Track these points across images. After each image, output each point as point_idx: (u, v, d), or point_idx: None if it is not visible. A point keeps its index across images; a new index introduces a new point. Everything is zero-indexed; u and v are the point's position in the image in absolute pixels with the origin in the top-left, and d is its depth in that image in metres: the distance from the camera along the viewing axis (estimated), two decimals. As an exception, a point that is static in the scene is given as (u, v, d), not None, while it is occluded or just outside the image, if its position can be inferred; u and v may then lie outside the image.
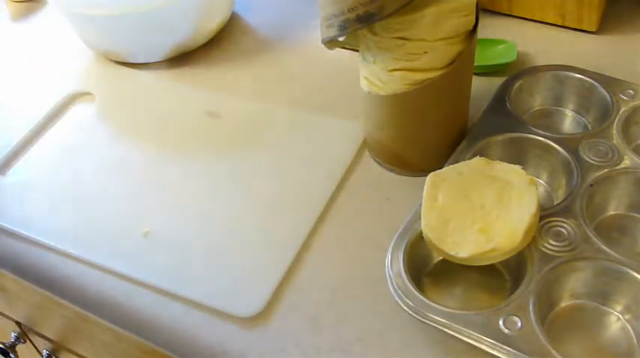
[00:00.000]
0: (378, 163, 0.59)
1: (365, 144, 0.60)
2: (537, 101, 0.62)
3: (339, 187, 0.57)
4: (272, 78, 0.71)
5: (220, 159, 0.62)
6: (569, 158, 0.53)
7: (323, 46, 0.52)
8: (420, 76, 0.51)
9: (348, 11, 0.47)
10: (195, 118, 0.63)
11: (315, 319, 0.49)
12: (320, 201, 0.56)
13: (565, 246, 0.47)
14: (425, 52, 0.49)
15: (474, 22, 0.51)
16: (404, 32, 0.48)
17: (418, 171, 0.56)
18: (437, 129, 0.56)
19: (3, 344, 0.82)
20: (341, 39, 0.51)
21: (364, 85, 0.55)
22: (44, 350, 0.82)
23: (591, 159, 0.52)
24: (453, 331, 0.43)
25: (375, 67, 0.52)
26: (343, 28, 0.48)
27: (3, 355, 0.82)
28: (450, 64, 0.51)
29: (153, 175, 0.61)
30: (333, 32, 0.49)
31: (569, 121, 0.60)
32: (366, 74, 0.54)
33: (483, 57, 0.65)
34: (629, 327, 0.46)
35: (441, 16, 0.48)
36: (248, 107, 0.67)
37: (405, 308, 0.45)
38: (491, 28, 0.69)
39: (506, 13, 0.72)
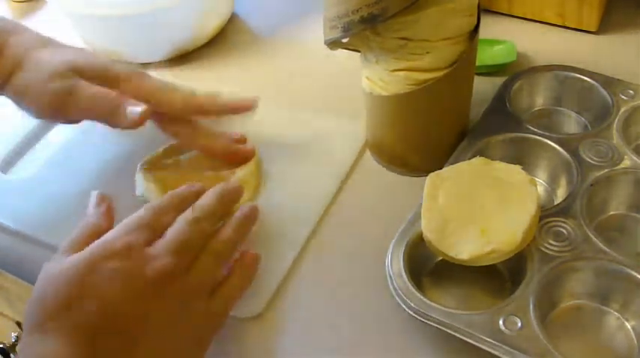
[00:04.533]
0: (380, 163, 0.59)
1: (366, 145, 0.60)
2: (537, 101, 0.62)
3: (341, 188, 0.57)
4: (272, 78, 0.71)
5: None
6: (570, 158, 0.53)
7: (323, 45, 0.52)
8: (422, 76, 0.51)
9: (352, 13, 0.47)
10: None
11: (315, 319, 0.49)
12: (321, 202, 0.56)
13: (565, 246, 0.47)
14: (427, 52, 0.49)
15: (475, 22, 0.51)
16: (406, 32, 0.48)
17: (420, 171, 0.56)
18: (439, 129, 0.56)
19: (3, 344, 0.83)
20: (344, 40, 0.51)
21: (366, 85, 0.55)
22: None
23: (591, 159, 0.52)
24: (453, 331, 0.43)
25: (378, 67, 0.52)
26: (347, 30, 0.48)
27: (3, 355, 0.82)
28: (452, 64, 0.51)
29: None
30: (336, 33, 0.49)
31: (569, 121, 0.60)
32: (368, 74, 0.54)
33: (483, 57, 0.65)
34: (629, 327, 0.46)
35: (443, 16, 0.48)
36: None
37: (405, 308, 0.45)
38: (491, 28, 0.69)
39: (506, 13, 0.72)
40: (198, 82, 0.71)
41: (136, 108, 0.50)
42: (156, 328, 0.41)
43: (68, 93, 0.51)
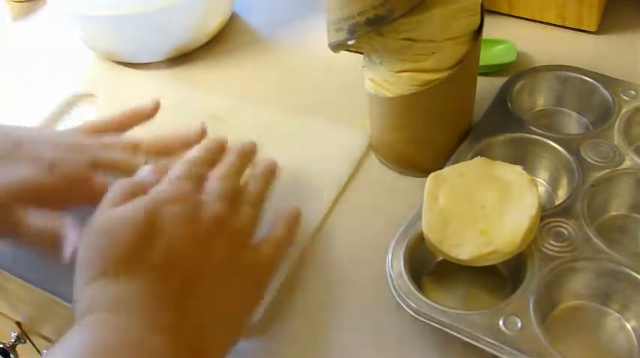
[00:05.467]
0: (382, 163, 0.59)
1: (369, 145, 0.60)
2: (538, 101, 0.62)
3: (343, 188, 0.57)
4: (272, 78, 0.71)
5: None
6: (570, 158, 0.53)
7: (324, 45, 0.52)
8: (427, 77, 0.50)
9: (358, 15, 0.47)
10: (196, 119, 0.63)
11: (315, 319, 0.49)
12: (323, 203, 0.56)
13: (566, 246, 0.47)
14: (433, 53, 0.49)
15: (479, 21, 0.51)
16: (411, 33, 0.48)
17: (422, 171, 0.55)
18: (444, 129, 0.55)
19: (3, 344, 0.83)
20: (350, 43, 0.51)
21: (370, 87, 0.55)
22: (44, 350, 0.82)
23: (592, 159, 0.52)
24: (454, 331, 0.43)
25: (382, 68, 0.52)
26: (353, 32, 0.48)
27: (3, 355, 0.82)
28: (457, 64, 0.51)
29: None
30: (342, 36, 0.49)
31: (570, 122, 0.60)
32: (371, 76, 0.54)
33: (483, 57, 0.64)
34: (630, 328, 0.46)
35: (448, 16, 0.48)
36: (248, 108, 0.67)
37: (406, 308, 0.45)
38: (491, 28, 0.69)
39: (506, 13, 0.72)
40: (198, 82, 0.71)
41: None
42: (210, 272, 0.43)
43: (10, 228, 0.50)
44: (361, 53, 0.54)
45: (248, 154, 0.53)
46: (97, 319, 0.38)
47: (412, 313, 0.45)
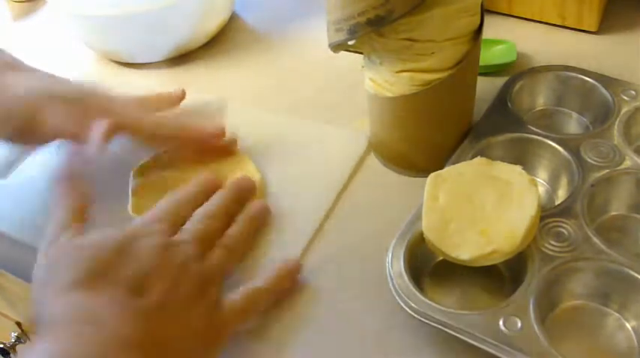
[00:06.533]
0: (382, 163, 0.59)
1: (369, 145, 0.60)
2: (538, 101, 0.62)
3: (342, 188, 0.57)
4: (272, 78, 0.71)
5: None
6: (570, 158, 0.53)
7: (324, 46, 0.52)
8: (428, 77, 0.50)
9: (359, 15, 0.47)
10: (195, 119, 0.63)
11: (314, 319, 0.49)
12: (323, 203, 0.56)
13: (566, 246, 0.47)
14: (433, 53, 0.49)
15: (479, 21, 0.51)
16: (411, 33, 0.48)
17: (422, 171, 0.55)
18: (444, 129, 0.55)
19: (3, 344, 0.82)
20: (350, 43, 0.51)
21: (370, 87, 0.54)
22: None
23: (592, 159, 0.52)
24: (454, 331, 0.43)
25: (382, 68, 0.52)
26: (353, 32, 0.48)
27: (3, 355, 0.82)
28: (457, 64, 0.51)
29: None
30: (342, 36, 0.49)
31: (570, 122, 0.60)
32: (371, 76, 0.54)
33: (483, 57, 0.65)
34: (630, 328, 0.46)
35: (448, 17, 0.48)
36: (248, 108, 0.67)
37: (406, 308, 0.45)
38: (491, 28, 0.69)
39: (506, 13, 0.72)
40: (199, 82, 0.71)
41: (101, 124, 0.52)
42: (173, 304, 0.44)
43: (32, 118, 0.52)
44: (361, 53, 0.54)
45: (242, 192, 0.54)
46: (68, 331, 0.40)
47: (412, 313, 0.45)
